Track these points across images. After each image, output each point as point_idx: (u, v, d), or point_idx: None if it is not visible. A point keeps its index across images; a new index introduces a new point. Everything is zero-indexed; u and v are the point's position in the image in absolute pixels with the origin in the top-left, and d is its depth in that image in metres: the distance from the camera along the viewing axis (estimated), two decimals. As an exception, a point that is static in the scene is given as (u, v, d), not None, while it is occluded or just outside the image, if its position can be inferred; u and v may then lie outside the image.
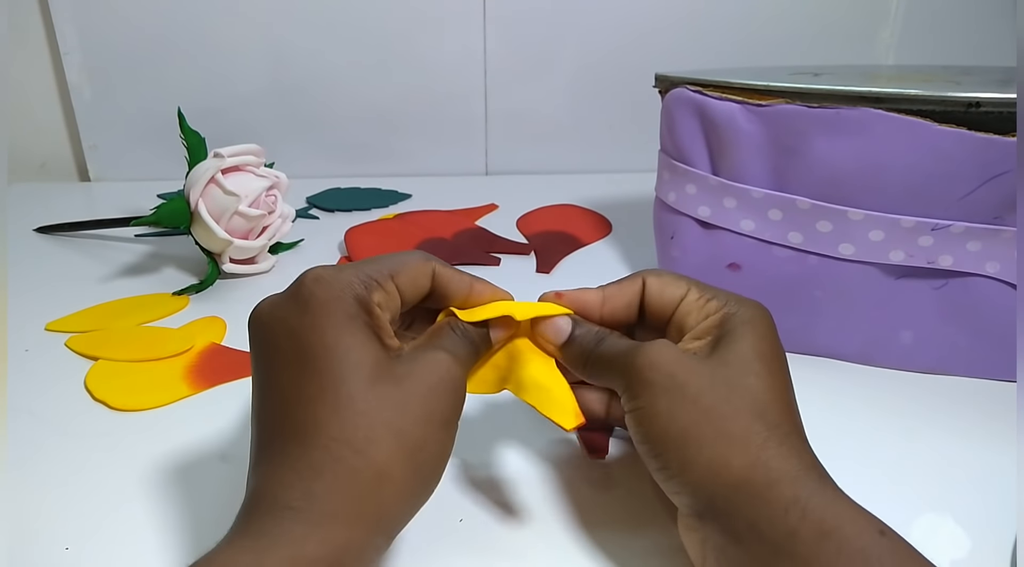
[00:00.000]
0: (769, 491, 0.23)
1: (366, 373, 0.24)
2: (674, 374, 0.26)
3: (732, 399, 0.25)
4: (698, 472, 0.25)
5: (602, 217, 0.63)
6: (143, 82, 0.71)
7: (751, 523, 0.23)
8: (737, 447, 0.24)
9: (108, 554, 0.29)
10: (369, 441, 0.23)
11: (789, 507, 0.23)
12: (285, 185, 0.53)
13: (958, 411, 0.38)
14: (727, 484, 0.24)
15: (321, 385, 0.24)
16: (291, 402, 0.24)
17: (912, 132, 0.36)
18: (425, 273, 0.29)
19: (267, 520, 0.23)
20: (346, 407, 0.24)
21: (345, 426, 0.24)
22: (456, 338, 0.28)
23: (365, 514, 0.23)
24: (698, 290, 0.29)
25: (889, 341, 0.40)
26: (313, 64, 0.71)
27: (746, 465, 0.24)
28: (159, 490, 0.32)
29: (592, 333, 0.30)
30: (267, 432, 0.25)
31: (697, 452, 0.25)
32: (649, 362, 0.26)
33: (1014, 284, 0.37)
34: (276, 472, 0.24)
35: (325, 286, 0.26)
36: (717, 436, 0.24)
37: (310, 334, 0.25)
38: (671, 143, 0.44)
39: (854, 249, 0.39)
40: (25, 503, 0.31)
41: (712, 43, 0.71)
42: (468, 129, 0.75)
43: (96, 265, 0.54)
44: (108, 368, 0.41)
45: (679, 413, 0.25)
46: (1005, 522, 0.31)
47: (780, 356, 0.28)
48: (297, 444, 0.24)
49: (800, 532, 0.22)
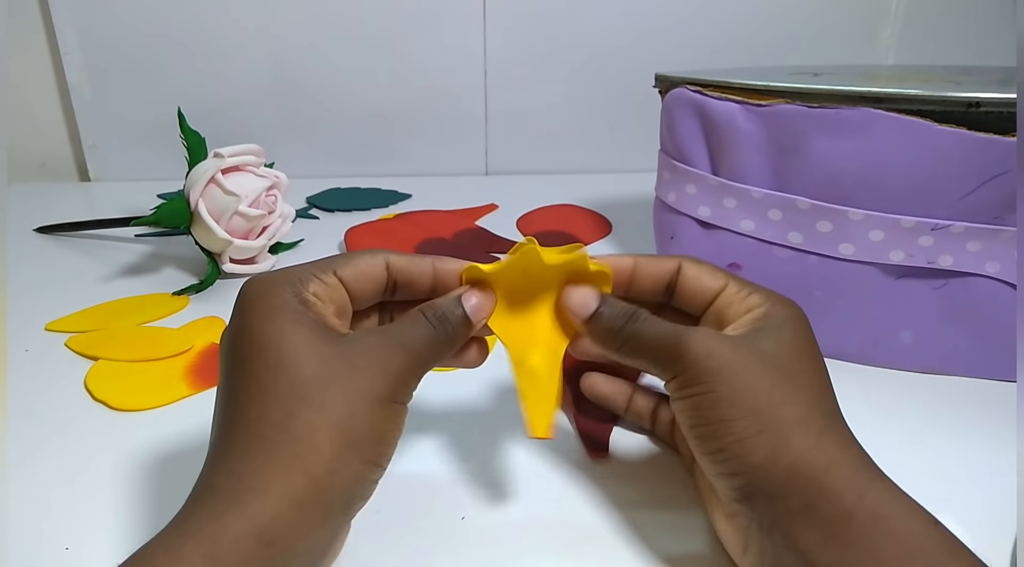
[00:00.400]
0: (828, 473, 0.24)
1: (289, 355, 0.24)
2: (734, 361, 0.26)
3: (791, 386, 0.26)
4: (758, 454, 0.25)
5: (602, 217, 0.63)
6: (143, 82, 0.71)
7: (807, 504, 0.24)
8: (799, 430, 0.25)
9: (108, 554, 0.29)
10: (289, 416, 0.24)
11: (847, 490, 0.23)
12: (285, 185, 0.53)
13: (958, 411, 0.38)
14: (786, 465, 0.24)
15: (246, 372, 0.25)
16: (224, 396, 0.25)
17: (912, 132, 0.36)
18: (375, 264, 0.28)
19: (190, 505, 0.23)
20: (269, 388, 0.24)
21: (267, 406, 0.24)
22: (420, 323, 0.27)
23: (293, 487, 0.23)
24: (737, 284, 0.29)
25: (889, 341, 0.40)
26: (313, 64, 0.71)
27: (806, 448, 0.24)
28: (159, 490, 0.32)
29: (621, 310, 0.28)
30: (211, 434, 0.26)
31: (760, 437, 0.25)
32: (707, 350, 0.26)
33: (1014, 284, 0.37)
34: (208, 462, 0.24)
35: (255, 285, 0.27)
36: (778, 420, 0.25)
37: (241, 331, 0.26)
38: (671, 143, 0.44)
39: (854, 249, 0.39)
40: (25, 503, 0.31)
41: (712, 43, 0.71)
42: (468, 129, 0.75)
43: (96, 265, 0.54)
44: (108, 368, 0.41)
45: (741, 399, 0.25)
46: (1005, 522, 0.31)
47: (820, 355, 0.28)
48: (224, 431, 0.24)
49: (856, 515, 0.23)
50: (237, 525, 0.22)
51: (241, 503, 0.22)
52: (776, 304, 0.28)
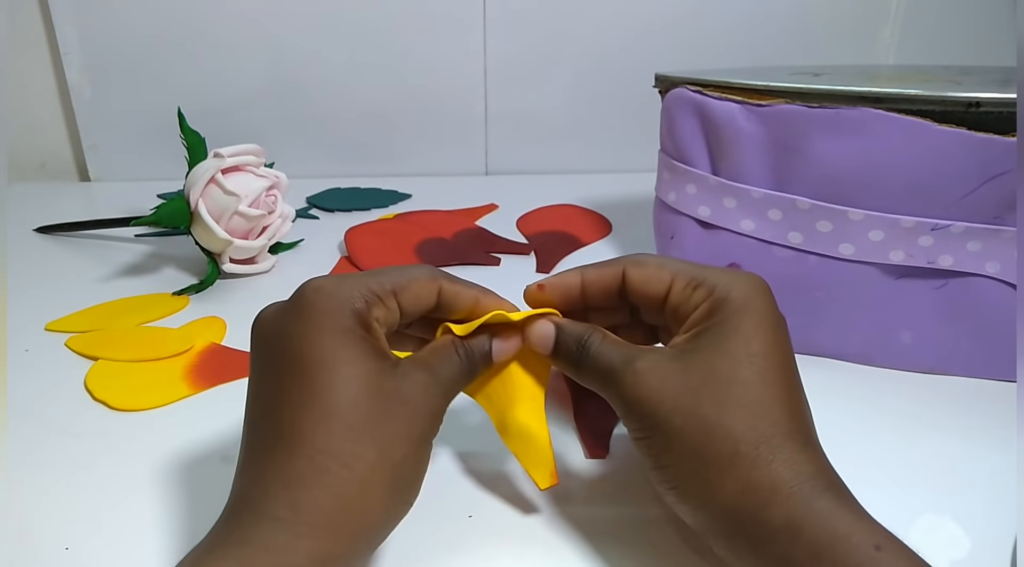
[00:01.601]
0: (762, 513, 0.23)
1: (355, 386, 0.25)
2: (660, 404, 0.26)
3: (724, 411, 0.25)
4: (697, 498, 0.25)
5: (602, 217, 0.63)
6: (143, 82, 0.71)
7: (752, 545, 0.24)
8: (728, 472, 0.24)
9: (108, 554, 0.29)
10: (355, 455, 0.24)
11: (780, 530, 0.23)
12: (285, 185, 0.53)
13: (958, 411, 0.38)
14: (724, 509, 0.24)
15: (310, 394, 0.24)
16: (280, 409, 0.25)
17: (912, 132, 0.36)
18: (431, 291, 0.29)
19: (250, 529, 0.23)
20: (334, 418, 0.24)
21: (332, 438, 0.24)
22: (453, 359, 0.28)
23: (348, 525, 0.23)
24: (684, 278, 0.28)
25: (889, 341, 0.40)
26: (313, 64, 0.71)
27: (738, 490, 0.24)
28: (159, 490, 0.32)
29: (573, 337, 0.29)
30: (254, 438, 0.25)
31: (693, 479, 0.25)
32: (635, 396, 0.26)
33: (1014, 284, 0.37)
34: (261, 480, 0.24)
35: (324, 296, 0.26)
36: (711, 461, 0.24)
37: (304, 343, 0.25)
38: (671, 143, 0.44)
39: (854, 249, 0.39)
40: (25, 503, 0.31)
41: (712, 43, 0.71)
42: (468, 129, 0.75)
43: (96, 265, 0.54)
44: (108, 368, 0.41)
45: (671, 444, 0.25)
46: (1005, 522, 0.31)
47: (779, 343, 0.26)
48: (283, 452, 0.24)
49: (793, 555, 0.22)
50: (297, 560, 0.22)
51: (303, 538, 0.23)
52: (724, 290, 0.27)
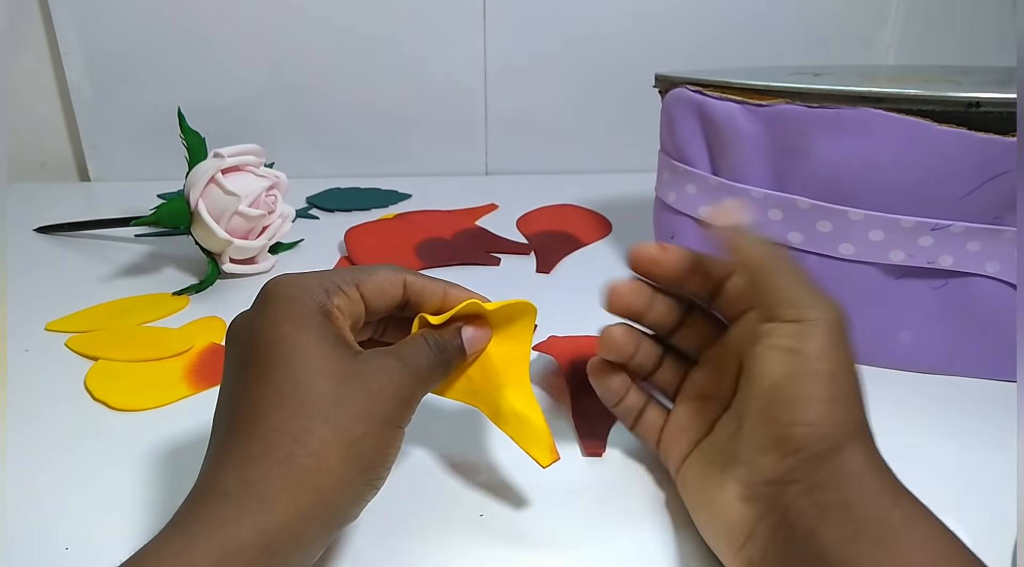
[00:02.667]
0: (868, 477, 0.24)
1: (311, 368, 0.25)
2: (843, 346, 0.26)
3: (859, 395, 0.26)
4: (823, 443, 0.25)
5: (602, 217, 0.63)
6: (143, 82, 0.71)
7: (844, 501, 0.24)
8: (858, 436, 0.25)
9: (108, 554, 0.29)
10: (307, 430, 0.24)
11: (883, 494, 0.24)
12: (285, 185, 0.53)
13: (958, 411, 0.38)
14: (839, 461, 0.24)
15: (266, 377, 0.25)
16: (239, 394, 0.25)
17: (912, 132, 0.36)
18: (394, 283, 0.29)
19: (198, 506, 0.23)
20: (288, 398, 0.24)
21: (285, 416, 0.24)
22: (423, 349, 0.28)
23: (300, 501, 0.23)
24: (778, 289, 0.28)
25: (889, 341, 0.40)
26: (313, 64, 0.71)
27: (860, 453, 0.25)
28: (159, 490, 0.32)
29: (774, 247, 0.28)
30: (216, 425, 0.26)
31: (829, 428, 0.25)
32: (837, 322, 0.26)
33: (1014, 284, 0.37)
34: (216, 463, 0.24)
35: (284, 287, 0.27)
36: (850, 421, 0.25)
37: (263, 331, 0.26)
38: (671, 143, 0.44)
39: (854, 249, 0.39)
40: (25, 503, 0.31)
41: (712, 43, 0.71)
42: (468, 129, 0.75)
43: (96, 265, 0.54)
44: (108, 368, 0.41)
45: (833, 384, 0.25)
46: (1005, 522, 0.31)
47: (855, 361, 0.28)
48: (239, 433, 0.24)
49: (890, 517, 0.23)
50: (246, 534, 0.22)
51: (252, 512, 0.23)
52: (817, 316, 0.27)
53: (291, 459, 0.24)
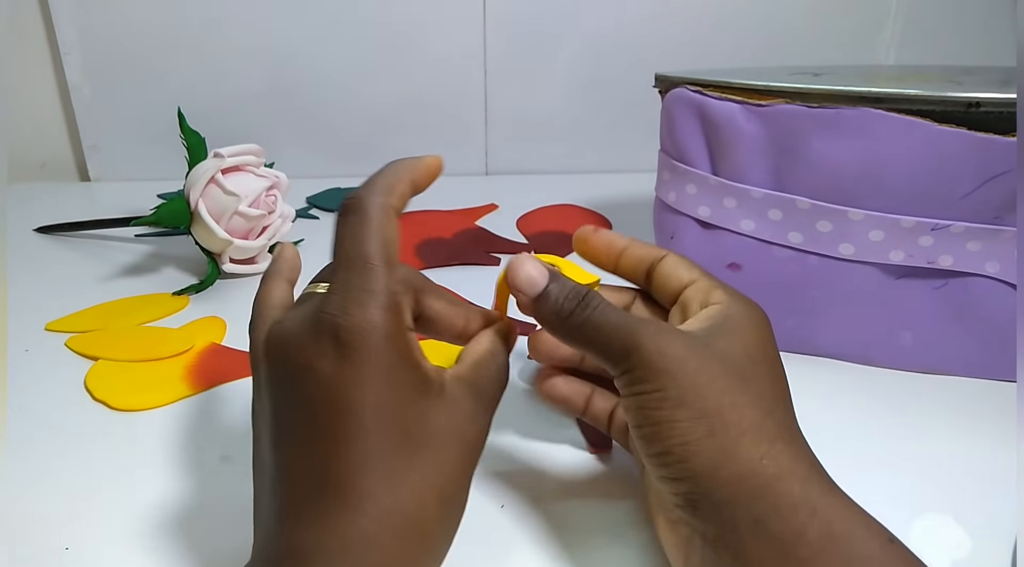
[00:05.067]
0: (778, 486, 0.23)
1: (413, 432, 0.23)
2: (687, 360, 0.24)
3: (745, 390, 0.25)
4: (703, 459, 0.23)
5: (602, 217, 0.63)
6: (143, 82, 0.71)
7: (756, 519, 0.23)
8: (749, 437, 0.24)
9: (108, 554, 0.29)
10: (421, 507, 0.23)
11: (798, 505, 0.23)
12: (285, 185, 0.53)
13: (958, 411, 0.38)
14: (734, 476, 0.23)
15: (366, 449, 0.23)
16: (330, 461, 0.23)
17: (912, 132, 0.36)
18: None
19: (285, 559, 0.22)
20: (397, 476, 0.23)
21: (399, 497, 0.23)
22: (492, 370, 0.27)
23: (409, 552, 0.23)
24: (705, 280, 0.29)
25: (889, 341, 0.40)
26: (313, 64, 0.71)
27: (756, 457, 0.23)
28: (159, 490, 0.32)
29: (572, 292, 0.26)
30: (299, 488, 0.23)
31: (707, 440, 0.23)
32: (659, 347, 0.25)
33: (1014, 284, 0.37)
34: (320, 537, 0.22)
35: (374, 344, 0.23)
36: (729, 425, 0.24)
37: (350, 389, 0.23)
38: (671, 143, 0.44)
39: (854, 249, 0.39)
40: (25, 503, 0.31)
41: (712, 43, 0.71)
42: (468, 129, 0.75)
43: (96, 265, 0.54)
44: (108, 368, 0.41)
45: (690, 400, 0.24)
46: (1005, 522, 0.31)
47: (779, 358, 0.27)
48: (342, 509, 0.22)
49: (807, 532, 0.22)
50: None
51: None
52: (737, 303, 0.28)
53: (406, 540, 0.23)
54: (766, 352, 0.27)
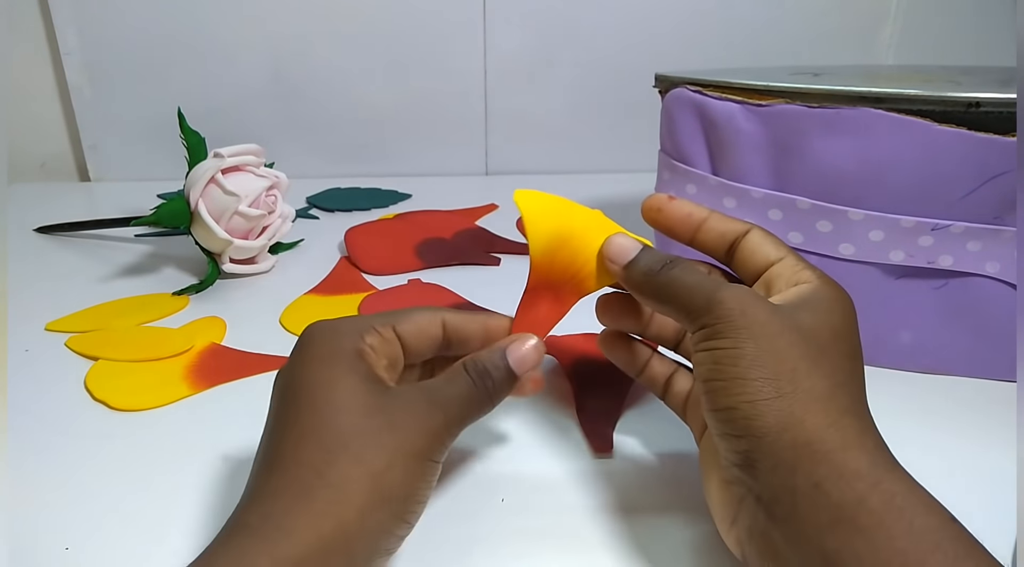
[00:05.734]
0: (843, 455, 0.23)
1: (337, 403, 0.25)
2: (767, 323, 0.25)
3: (820, 361, 0.25)
4: (768, 419, 0.24)
5: (602, 217, 0.63)
6: (143, 82, 0.71)
7: (816, 483, 0.23)
8: (818, 405, 0.24)
9: (108, 554, 0.29)
10: (327, 463, 0.24)
11: (862, 475, 0.23)
12: (285, 185, 0.53)
13: (958, 411, 0.38)
14: (799, 439, 0.23)
15: (294, 414, 0.26)
16: (269, 435, 0.26)
17: (912, 132, 0.36)
18: (433, 322, 0.30)
19: (221, 541, 0.23)
20: (312, 432, 0.25)
21: (308, 450, 0.24)
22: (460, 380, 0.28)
23: (322, 532, 0.23)
24: (794, 258, 0.29)
25: (889, 341, 0.40)
26: (313, 64, 0.71)
27: (824, 425, 0.23)
28: (159, 490, 0.32)
29: (659, 257, 0.28)
30: (253, 467, 0.26)
31: (776, 401, 0.24)
32: (741, 306, 0.25)
33: (1014, 284, 0.37)
34: (243, 500, 0.25)
35: (317, 330, 0.28)
36: (800, 390, 0.24)
37: (295, 371, 0.27)
38: (671, 143, 0.44)
39: (854, 249, 0.39)
40: (25, 503, 0.31)
41: (712, 43, 0.71)
42: (468, 129, 0.75)
43: (96, 265, 0.54)
44: (108, 368, 0.41)
45: (766, 360, 0.24)
46: (1005, 522, 0.31)
47: (860, 345, 0.27)
48: (266, 471, 0.25)
49: (869, 501, 0.22)
50: (266, 562, 0.22)
51: (271, 542, 0.23)
52: (826, 285, 0.28)
53: (311, 491, 0.24)
54: (849, 334, 0.27)
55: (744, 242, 0.30)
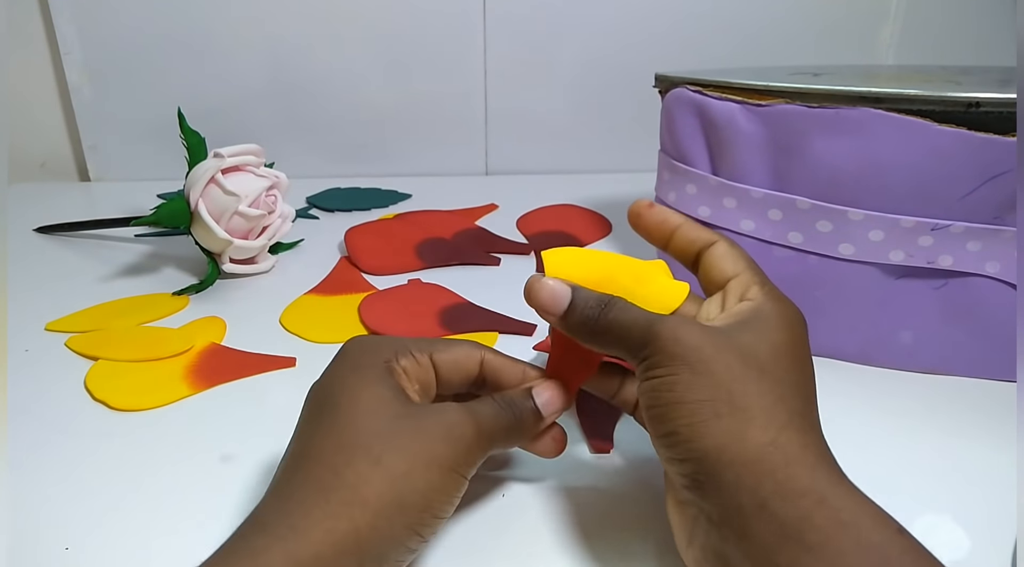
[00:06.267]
0: (785, 471, 0.23)
1: (363, 408, 0.26)
2: (700, 348, 0.25)
3: (759, 380, 0.25)
4: (710, 441, 0.24)
5: (602, 217, 0.63)
6: (143, 82, 0.71)
7: (761, 502, 0.23)
8: (757, 424, 0.24)
9: (108, 554, 0.29)
10: (346, 463, 0.24)
11: (805, 492, 0.23)
12: (285, 185, 0.53)
13: (958, 411, 0.38)
14: (739, 458, 0.23)
15: (320, 419, 0.26)
16: (297, 440, 0.27)
17: (912, 132, 0.36)
18: (471, 357, 0.30)
19: (237, 538, 0.24)
20: (335, 435, 0.25)
21: (329, 451, 0.25)
22: (489, 404, 0.28)
23: (336, 533, 0.23)
24: (748, 275, 0.29)
25: (889, 341, 0.40)
26: (313, 64, 0.71)
27: (764, 443, 0.23)
28: (159, 490, 0.32)
29: (595, 299, 0.28)
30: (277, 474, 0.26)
31: (714, 422, 0.24)
32: (675, 335, 0.26)
33: (1014, 284, 0.37)
34: (263, 500, 0.25)
35: (355, 344, 0.29)
36: (737, 410, 0.24)
37: (327, 379, 0.28)
38: (671, 143, 0.44)
39: (854, 249, 0.39)
40: (25, 503, 0.31)
41: (712, 43, 0.71)
42: (468, 129, 0.75)
43: (96, 265, 0.54)
44: (108, 368, 0.41)
45: (701, 384, 0.25)
46: (1005, 522, 0.31)
47: (808, 357, 0.28)
48: (288, 471, 0.25)
49: (815, 518, 0.22)
50: (278, 560, 0.22)
51: (284, 540, 0.23)
52: (771, 302, 0.28)
53: (327, 490, 0.24)
54: (793, 349, 0.27)
55: (707, 254, 0.30)
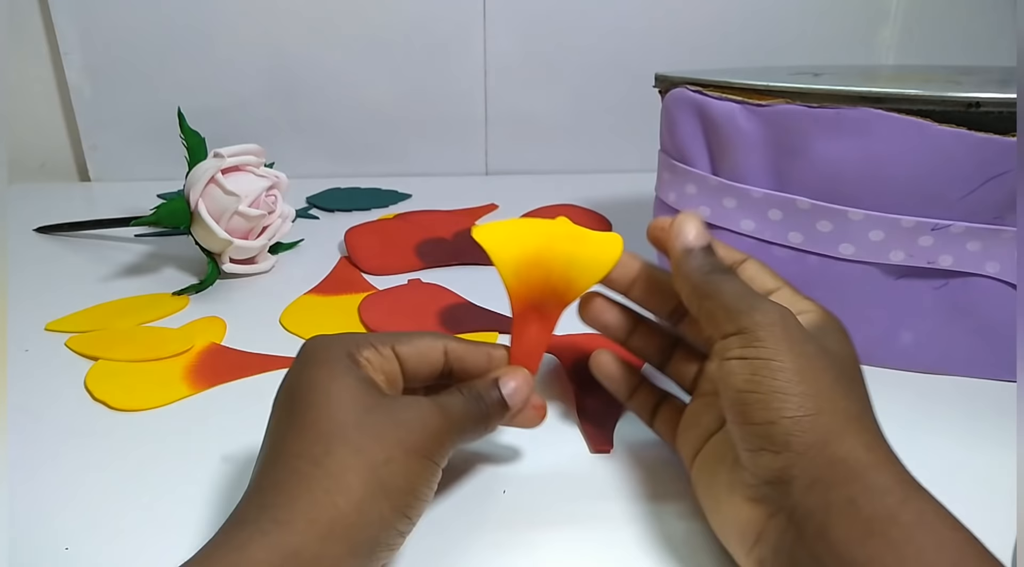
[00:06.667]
0: (875, 472, 0.24)
1: (335, 399, 0.26)
2: (805, 342, 0.26)
3: (850, 385, 0.26)
4: (809, 436, 0.24)
5: (602, 217, 0.63)
6: (143, 82, 0.71)
7: (851, 498, 0.23)
8: (854, 425, 0.25)
9: (108, 554, 0.29)
10: (327, 453, 0.24)
11: (894, 492, 0.23)
12: (285, 185, 0.53)
13: (958, 411, 0.38)
14: (837, 457, 0.24)
15: (292, 413, 0.26)
16: (270, 437, 0.27)
17: (912, 132, 0.36)
18: (434, 348, 0.30)
19: (220, 535, 0.24)
20: (310, 427, 0.25)
21: (306, 442, 0.25)
22: (457, 397, 0.29)
23: (318, 523, 0.23)
24: (792, 290, 0.30)
25: (889, 341, 0.40)
26: (313, 64, 0.71)
27: (858, 444, 0.24)
28: (159, 490, 0.32)
29: (716, 259, 0.29)
30: (252, 471, 0.26)
31: (817, 417, 0.24)
32: (783, 320, 0.26)
33: (1014, 284, 0.37)
34: (244, 496, 0.25)
35: (316, 341, 0.28)
36: (838, 410, 0.25)
37: (293, 377, 0.27)
38: (671, 143, 0.44)
39: (854, 249, 0.39)
40: (25, 503, 0.31)
41: (712, 43, 0.71)
42: (468, 129, 0.75)
43: (96, 265, 0.54)
44: (108, 368, 0.41)
45: (808, 378, 0.25)
46: (1005, 522, 0.31)
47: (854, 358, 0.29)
48: (266, 468, 0.25)
49: (900, 515, 0.23)
50: (261, 554, 0.22)
51: (266, 533, 0.23)
52: (830, 314, 0.29)
53: (309, 480, 0.24)
54: (856, 362, 0.28)
55: (741, 271, 0.31)
